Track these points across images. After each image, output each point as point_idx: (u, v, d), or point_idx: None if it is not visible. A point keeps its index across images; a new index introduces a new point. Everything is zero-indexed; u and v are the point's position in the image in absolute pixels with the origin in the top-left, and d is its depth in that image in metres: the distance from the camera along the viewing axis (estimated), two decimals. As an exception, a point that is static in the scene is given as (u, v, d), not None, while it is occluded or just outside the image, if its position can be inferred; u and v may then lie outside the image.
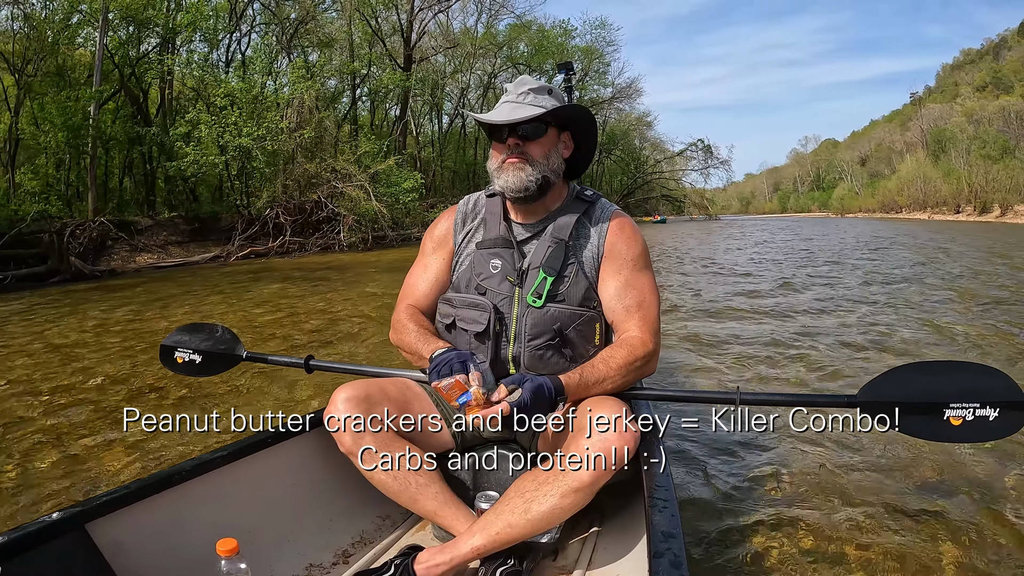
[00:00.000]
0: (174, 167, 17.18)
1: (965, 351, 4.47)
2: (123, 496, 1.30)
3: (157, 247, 16.04)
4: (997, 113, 54.65)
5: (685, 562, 1.04)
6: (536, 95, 1.53)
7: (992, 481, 2.35)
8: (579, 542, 1.56)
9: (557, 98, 1.56)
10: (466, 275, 1.59)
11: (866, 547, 1.93)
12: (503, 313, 1.53)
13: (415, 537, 1.65)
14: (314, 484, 1.68)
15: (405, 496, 1.47)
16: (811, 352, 4.41)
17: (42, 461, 2.78)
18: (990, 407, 1.29)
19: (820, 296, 7.24)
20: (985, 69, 71.14)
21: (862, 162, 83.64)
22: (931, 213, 52.36)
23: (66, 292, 10.36)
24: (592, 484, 1.30)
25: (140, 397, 3.78)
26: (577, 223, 1.57)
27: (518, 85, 1.56)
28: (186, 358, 1.91)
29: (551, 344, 1.50)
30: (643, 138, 54.62)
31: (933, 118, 62.88)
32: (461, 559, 1.35)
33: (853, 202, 76.78)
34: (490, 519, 1.36)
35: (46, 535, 1.18)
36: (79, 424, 3.27)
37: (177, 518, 1.39)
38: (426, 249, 1.71)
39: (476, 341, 1.53)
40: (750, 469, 2.50)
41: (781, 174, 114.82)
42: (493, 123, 1.51)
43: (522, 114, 1.49)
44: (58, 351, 5.23)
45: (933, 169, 55.77)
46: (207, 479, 1.44)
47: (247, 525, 1.47)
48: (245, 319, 6.68)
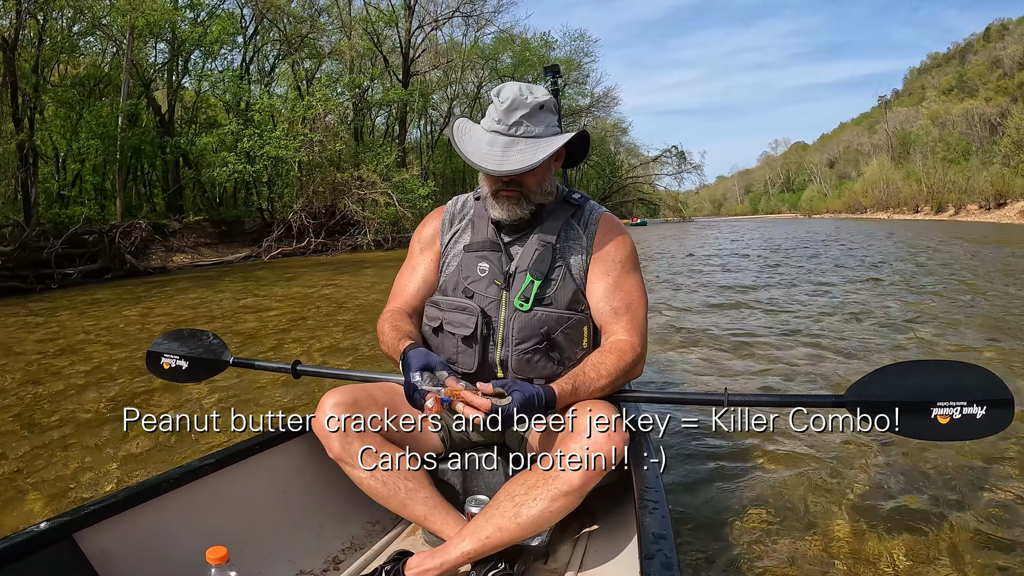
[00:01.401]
0: (209, 174, 19.37)
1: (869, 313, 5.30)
2: (111, 505, 1.28)
3: (189, 248, 17.74)
4: (961, 116, 56.40)
5: (676, 563, 1.05)
6: (529, 122, 1.45)
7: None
8: (570, 544, 1.57)
9: (550, 109, 1.49)
10: (453, 278, 1.58)
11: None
12: (490, 317, 1.51)
13: (405, 542, 1.65)
14: (304, 490, 1.66)
15: (394, 501, 1.46)
16: (763, 333, 4.80)
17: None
18: (977, 405, 1.29)
19: (764, 282, 8.74)
20: (951, 73, 73.23)
21: (831, 164, 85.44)
22: (891, 213, 54.66)
23: (138, 284, 12.27)
24: (582, 487, 1.30)
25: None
26: (565, 225, 1.56)
27: (508, 111, 1.44)
28: (172, 364, 1.89)
29: (539, 348, 1.48)
30: (618, 143, 55.87)
31: (899, 121, 64.50)
32: (451, 564, 1.35)
33: (821, 203, 78.80)
34: (480, 523, 1.35)
35: (34, 545, 1.16)
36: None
37: (166, 526, 1.37)
38: (414, 250, 1.69)
39: (463, 345, 1.52)
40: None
41: (752, 176, 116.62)
42: (488, 172, 1.45)
43: (515, 164, 1.41)
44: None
45: (895, 171, 58.14)
46: (196, 487, 1.42)
47: (236, 532, 1.45)
48: (309, 297, 8.77)
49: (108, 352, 5.31)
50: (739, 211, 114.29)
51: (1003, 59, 65.62)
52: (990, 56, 68.60)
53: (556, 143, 1.44)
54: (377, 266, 14.26)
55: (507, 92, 1.45)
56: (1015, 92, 55.05)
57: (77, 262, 13.27)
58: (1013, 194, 38.25)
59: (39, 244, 12.59)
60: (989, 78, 65.64)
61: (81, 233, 13.87)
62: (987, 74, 67.30)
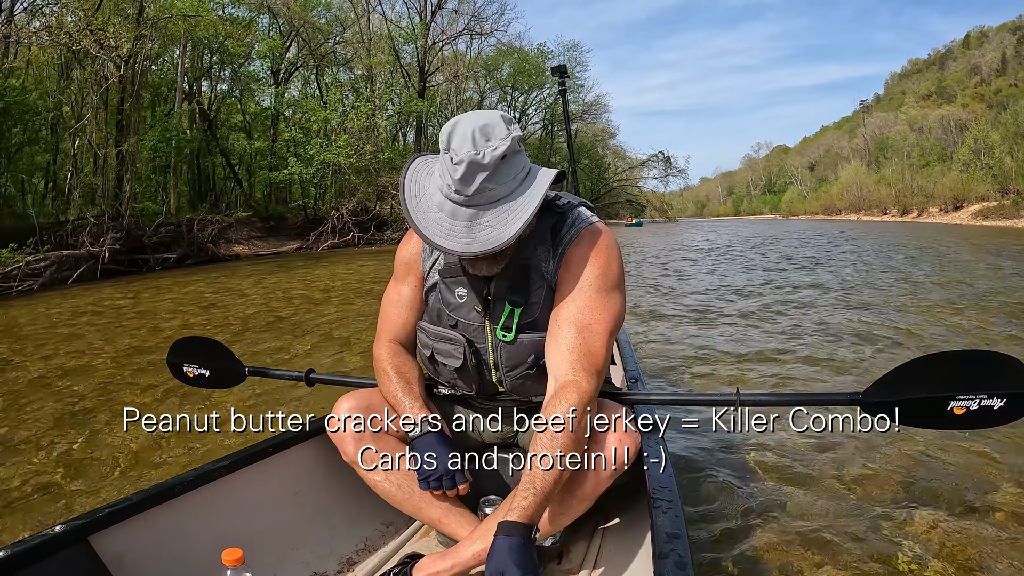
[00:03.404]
0: (265, 175, 22.94)
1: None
2: (126, 508, 1.28)
3: (243, 240, 20.08)
4: (937, 122, 57.61)
5: (690, 563, 1.04)
6: (493, 183, 1.22)
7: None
8: (583, 544, 1.57)
9: (514, 149, 1.24)
10: (436, 306, 1.49)
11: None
12: (477, 346, 1.44)
13: (419, 544, 1.64)
14: (317, 492, 1.66)
15: (409, 504, 1.45)
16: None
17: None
18: (997, 397, 1.25)
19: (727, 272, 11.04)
20: (931, 79, 74.46)
21: (811, 167, 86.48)
22: (862, 215, 57.32)
23: (222, 268, 15.26)
24: (595, 488, 1.30)
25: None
26: (542, 239, 1.40)
27: (464, 180, 1.20)
28: (195, 372, 1.91)
29: (530, 373, 1.43)
30: (606, 147, 57.98)
31: (878, 126, 65.62)
32: (463, 565, 1.33)
33: (800, 205, 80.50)
34: (491, 525, 1.34)
35: (49, 548, 1.16)
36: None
37: (181, 529, 1.36)
38: (398, 272, 1.57)
39: (456, 374, 1.48)
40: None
41: (735, 178, 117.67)
42: (446, 253, 1.33)
43: (484, 245, 1.22)
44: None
45: (868, 176, 60.88)
46: (210, 489, 1.42)
47: (251, 534, 1.44)
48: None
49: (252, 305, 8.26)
50: (722, 212, 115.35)
51: (981, 66, 67.07)
52: (969, 63, 70.01)
53: (528, 208, 1.24)
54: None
55: (460, 152, 1.20)
56: (991, 98, 56.33)
57: (169, 249, 16.13)
58: (969, 198, 40.66)
59: (139, 232, 15.47)
60: (967, 84, 67.02)
61: (165, 224, 16.51)
62: (965, 80, 68.67)
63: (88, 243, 13.63)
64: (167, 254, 15.79)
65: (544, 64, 36.44)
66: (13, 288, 11.18)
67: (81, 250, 13.39)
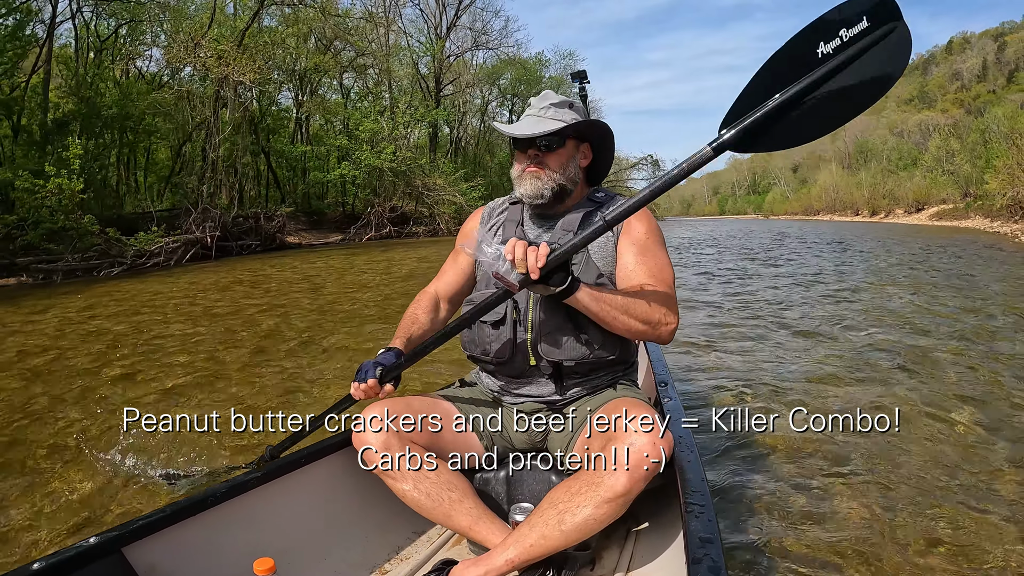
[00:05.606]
0: (317, 175, 26.23)
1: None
2: (159, 520, 1.27)
3: (292, 232, 21.95)
4: (916, 126, 58.65)
5: (724, 567, 1.04)
6: (557, 109, 1.63)
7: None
8: (616, 549, 1.57)
9: (578, 111, 1.66)
10: (486, 275, 1.67)
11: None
12: (517, 301, 1.59)
13: (451, 551, 1.63)
14: (348, 501, 1.65)
15: (439, 512, 1.45)
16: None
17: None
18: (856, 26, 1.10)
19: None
20: (914, 83, 75.51)
21: (794, 169, 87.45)
22: (835, 215, 60.47)
23: (291, 254, 17.46)
24: (627, 493, 1.29)
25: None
26: (587, 216, 1.65)
27: (541, 99, 1.67)
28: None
29: (565, 328, 1.55)
30: None
31: (860, 129, 66.51)
32: (496, 572, 1.33)
33: (781, 206, 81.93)
34: (524, 531, 1.34)
35: (83, 559, 1.16)
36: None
37: (213, 540, 1.36)
38: (459, 242, 1.78)
39: (493, 330, 1.60)
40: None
41: (720, 178, 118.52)
42: (514, 136, 1.63)
43: (541, 128, 1.60)
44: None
45: (843, 179, 63.44)
46: (241, 500, 1.42)
47: (282, 545, 1.43)
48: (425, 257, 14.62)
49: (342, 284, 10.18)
50: (707, 212, 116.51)
51: (963, 72, 68.24)
52: (951, 68, 71.17)
53: (568, 118, 1.62)
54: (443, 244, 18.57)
55: (543, 93, 1.70)
56: (970, 104, 57.48)
57: (248, 237, 18.34)
58: (931, 201, 44.25)
59: (227, 222, 17.61)
60: (948, 90, 68.15)
61: (237, 216, 18.66)
62: (947, 86, 69.82)
63: (195, 230, 16.31)
64: (248, 241, 18.16)
65: (542, 72, 39.30)
66: (148, 263, 14.07)
67: (192, 235, 16.07)
